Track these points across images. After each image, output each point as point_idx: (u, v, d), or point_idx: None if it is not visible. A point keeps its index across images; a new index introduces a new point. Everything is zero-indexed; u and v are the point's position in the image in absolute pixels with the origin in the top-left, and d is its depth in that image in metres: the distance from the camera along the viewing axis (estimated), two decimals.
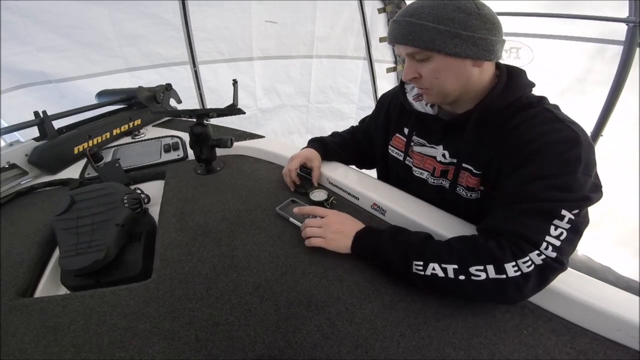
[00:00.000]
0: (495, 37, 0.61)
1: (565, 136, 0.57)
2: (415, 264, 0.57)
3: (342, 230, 0.68)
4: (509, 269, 0.51)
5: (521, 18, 2.04)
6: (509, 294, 0.52)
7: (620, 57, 1.65)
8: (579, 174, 0.54)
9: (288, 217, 0.77)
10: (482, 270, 0.52)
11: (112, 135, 1.31)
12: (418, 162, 0.80)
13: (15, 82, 1.99)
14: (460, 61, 0.62)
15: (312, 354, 0.49)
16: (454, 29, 0.59)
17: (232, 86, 1.13)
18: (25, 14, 1.87)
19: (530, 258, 0.51)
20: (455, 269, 0.54)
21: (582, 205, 0.53)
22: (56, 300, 0.58)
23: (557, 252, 0.51)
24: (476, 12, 0.60)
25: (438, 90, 0.67)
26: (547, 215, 0.53)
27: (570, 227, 0.52)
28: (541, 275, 0.51)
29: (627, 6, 1.58)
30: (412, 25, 0.61)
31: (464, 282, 0.53)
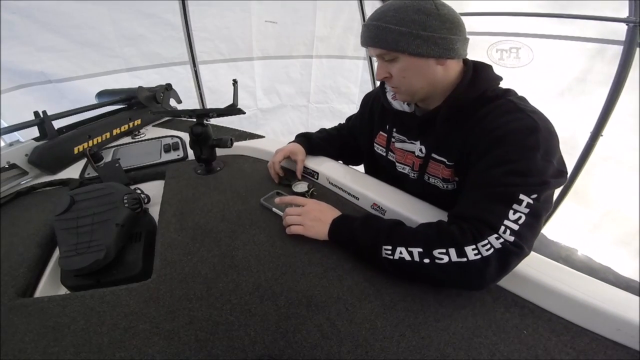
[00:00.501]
0: (455, 35, 0.65)
1: (525, 124, 0.59)
2: (384, 248, 0.60)
3: (320, 217, 0.71)
4: (469, 252, 0.53)
5: (521, 18, 2.04)
6: (471, 278, 0.54)
7: (620, 57, 1.65)
8: (537, 159, 0.56)
9: (271, 208, 0.81)
10: (444, 254, 0.55)
11: (112, 135, 1.31)
12: (400, 157, 0.85)
13: (15, 82, 1.99)
14: (424, 60, 0.66)
15: (312, 354, 0.49)
16: (415, 30, 0.63)
17: (232, 86, 1.13)
18: (24, 14, 1.87)
19: (489, 241, 0.53)
20: (420, 252, 0.56)
21: (541, 190, 0.55)
22: (56, 300, 0.58)
23: (516, 236, 0.53)
24: (435, 13, 0.63)
25: (406, 88, 0.71)
26: (506, 200, 0.55)
27: (529, 212, 0.54)
28: (501, 260, 0.53)
29: (627, 6, 1.58)
30: (378, 28, 0.65)
31: (428, 265, 0.56)
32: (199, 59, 2.54)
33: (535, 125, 0.58)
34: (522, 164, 0.56)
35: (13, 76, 1.97)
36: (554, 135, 0.60)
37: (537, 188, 0.55)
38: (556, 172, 0.58)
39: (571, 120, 1.96)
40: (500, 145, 0.60)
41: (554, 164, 0.57)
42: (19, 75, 1.98)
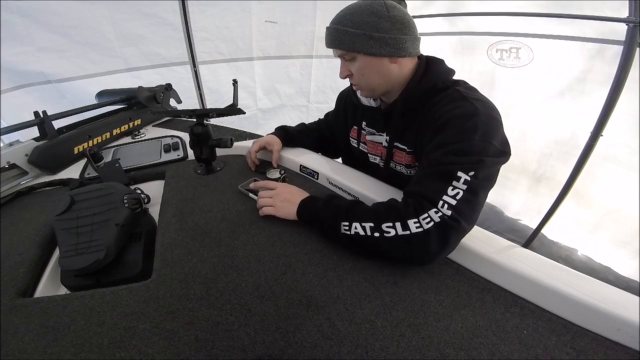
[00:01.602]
0: (405, 35, 0.71)
1: (465, 110, 0.65)
2: (342, 224, 0.65)
3: (289, 199, 0.77)
4: (412, 225, 0.58)
5: (521, 18, 2.04)
6: (415, 251, 0.59)
7: (620, 57, 1.65)
8: (475, 140, 0.61)
9: (248, 194, 0.87)
10: (391, 227, 0.59)
11: (112, 135, 1.31)
12: (371, 149, 0.94)
13: (15, 82, 1.99)
14: (378, 59, 0.73)
15: (312, 354, 0.49)
16: (368, 32, 0.69)
17: (232, 86, 1.13)
18: (24, 13, 1.87)
19: (429, 215, 0.58)
20: (371, 227, 0.61)
21: (478, 168, 0.59)
22: (56, 300, 0.58)
23: (453, 210, 0.57)
24: (386, 15, 0.69)
25: (365, 85, 0.79)
26: (446, 177, 0.60)
27: (467, 188, 0.58)
28: (440, 233, 0.57)
29: (627, 6, 1.57)
30: (338, 31, 0.72)
31: (378, 239, 0.60)
32: (199, 59, 2.54)
33: (475, 110, 0.64)
34: (461, 145, 0.62)
35: (13, 76, 1.96)
36: (493, 119, 0.66)
37: (474, 166, 0.59)
38: (497, 152, 0.63)
39: (571, 120, 1.96)
40: (443, 131, 0.66)
41: (493, 145, 0.62)
42: (18, 75, 1.98)
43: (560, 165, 2.05)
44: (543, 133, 2.14)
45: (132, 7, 2.15)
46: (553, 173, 2.12)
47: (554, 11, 1.86)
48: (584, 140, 1.85)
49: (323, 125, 1.16)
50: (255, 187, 0.86)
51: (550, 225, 2.16)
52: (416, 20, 0.74)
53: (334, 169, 0.95)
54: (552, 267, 0.59)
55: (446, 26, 2.53)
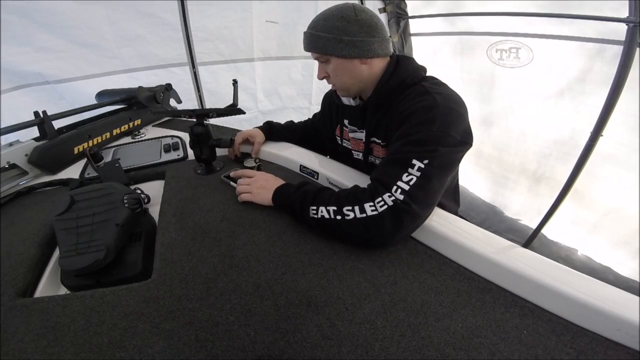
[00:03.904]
0: (372, 38, 0.76)
1: (425, 104, 0.70)
2: (310, 208, 0.69)
3: (265, 186, 0.82)
4: (368, 208, 0.63)
5: (521, 18, 2.04)
6: (372, 232, 0.63)
7: (620, 57, 1.65)
8: (432, 131, 0.65)
9: (229, 182, 0.93)
10: (351, 210, 0.64)
11: (112, 135, 1.31)
12: (354, 145, 1.00)
13: (14, 83, 1.98)
14: (349, 61, 0.78)
15: (312, 354, 0.49)
16: (338, 35, 0.75)
17: (232, 86, 1.13)
18: (22, 13, 1.86)
19: (383, 199, 0.62)
20: (334, 210, 0.66)
21: (433, 156, 0.63)
22: (56, 300, 0.58)
23: (405, 195, 0.62)
24: (354, 19, 0.74)
25: (340, 85, 0.85)
26: (401, 164, 0.64)
27: (420, 175, 0.63)
28: (393, 215, 0.61)
29: (627, 6, 1.57)
30: (312, 36, 0.78)
31: (340, 221, 0.65)
32: (198, 60, 2.53)
33: (435, 103, 0.69)
34: (418, 135, 0.66)
35: (11, 77, 1.96)
36: (452, 110, 0.70)
37: (430, 154, 0.63)
38: (455, 142, 0.67)
39: (571, 120, 1.96)
40: (404, 123, 0.71)
41: (451, 135, 0.66)
42: (17, 75, 1.97)
43: (560, 165, 2.05)
44: (543, 133, 2.14)
45: (131, 7, 2.14)
46: (553, 173, 2.12)
47: (554, 11, 1.86)
48: (584, 140, 1.85)
49: (310, 124, 1.23)
50: (235, 175, 0.91)
51: (550, 225, 2.16)
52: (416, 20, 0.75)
53: (333, 169, 0.95)
54: (552, 267, 0.59)
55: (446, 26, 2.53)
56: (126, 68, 2.30)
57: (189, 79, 2.57)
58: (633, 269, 1.87)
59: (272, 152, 1.09)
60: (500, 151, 2.41)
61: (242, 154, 1.10)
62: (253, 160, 1.03)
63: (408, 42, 2.92)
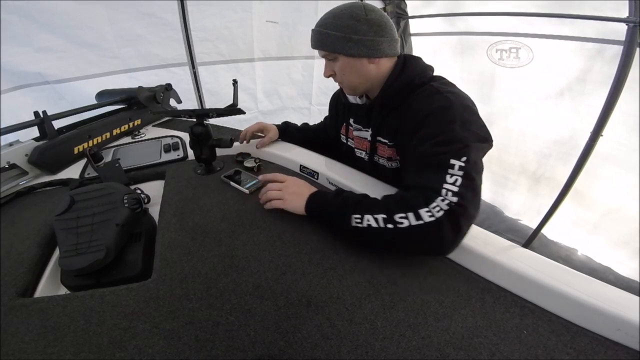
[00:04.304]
0: (382, 37, 0.76)
1: (441, 104, 0.70)
2: (354, 217, 0.65)
3: (298, 192, 0.77)
4: (424, 214, 0.59)
5: (521, 18, 2.04)
6: (430, 240, 0.59)
7: (620, 57, 1.65)
8: (457, 130, 0.65)
9: (229, 182, 0.92)
10: (404, 218, 0.60)
11: (112, 135, 1.31)
12: (358, 144, 1.00)
13: (14, 83, 1.98)
14: (357, 60, 0.78)
15: (312, 354, 0.49)
16: (347, 34, 0.75)
17: (232, 86, 1.13)
18: (22, 13, 1.86)
19: (437, 204, 0.59)
20: (384, 218, 0.62)
21: (466, 153, 0.62)
22: (56, 300, 0.58)
23: (457, 196, 0.59)
24: (364, 18, 0.74)
25: (347, 84, 0.85)
26: (440, 167, 0.62)
27: (463, 174, 0.61)
28: (451, 219, 0.58)
29: (627, 6, 1.58)
30: (321, 34, 0.78)
31: (392, 230, 0.60)
32: (198, 60, 2.52)
33: (450, 103, 0.69)
34: (444, 135, 0.65)
35: (11, 77, 1.95)
36: (468, 108, 0.70)
37: (463, 151, 0.62)
38: (479, 137, 0.67)
39: (571, 120, 1.96)
40: (425, 125, 0.69)
41: (474, 132, 0.66)
42: (17, 76, 1.97)
43: (560, 165, 2.05)
44: (543, 133, 2.14)
45: (131, 7, 2.14)
46: (553, 173, 2.12)
47: (554, 11, 1.87)
48: (584, 140, 1.85)
49: (322, 126, 1.25)
50: (264, 179, 0.86)
51: (550, 225, 2.16)
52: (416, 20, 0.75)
53: (333, 169, 0.95)
54: (552, 267, 0.59)
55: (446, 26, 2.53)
56: (126, 68, 2.30)
57: (189, 79, 2.57)
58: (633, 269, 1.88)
59: (272, 152, 1.09)
60: (500, 151, 2.41)
61: (242, 153, 1.10)
62: (253, 160, 1.03)
63: (408, 42, 2.92)
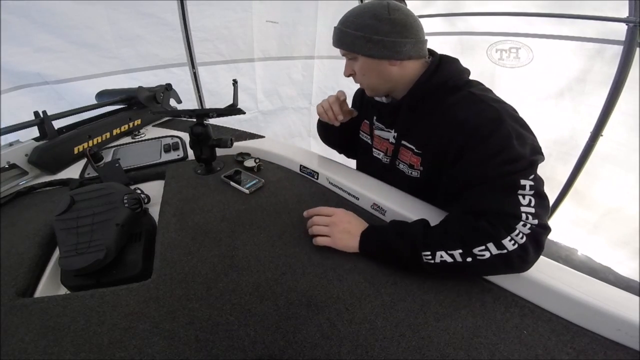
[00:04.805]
0: (405, 39, 0.71)
1: (491, 116, 0.64)
2: (424, 254, 0.60)
3: (349, 229, 0.70)
4: (507, 244, 0.56)
5: (521, 18, 2.04)
6: (515, 266, 0.57)
7: (620, 57, 1.65)
8: (516, 146, 0.61)
9: (229, 182, 0.91)
10: (484, 250, 0.57)
11: (112, 135, 1.31)
12: (377, 143, 0.93)
13: (13, 83, 1.98)
14: (377, 61, 0.74)
15: (312, 354, 0.49)
16: (367, 34, 0.70)
17: (232, 86, 1.13)
18: (22, 13, 1.86)
19: (519, 230, 0.56)
20: (461, 253, 0.58)
21: (532, 170, 0.60)
22: (56, 300, 0.58)
23: (537, 218, 0.57)
24: (387, 18, 0.69)
25: (367, 84, 0.81)
26: (512, 189, 0.59)
27: (534, 193, 0.58)
28: (534, 242, 0.56)
29: (627, 6, 1.58)
30: (341, 32, 0.75)
31: (472, 263, 0.58)
32: (198, 60, 2.52)
33: (499, 115, 0.63)
34: (506, 154, 0.61)
35: (11, 77, 1.96)
36: (518, 120, 0.65)
37: (529, 170, 0.59)
38: (534, 150, 0.62)
39: (571, 120, 1.96)
40: (478, 141, 0.64)
41: (529, 144, 0.62)
42: (16, 76, 1.97)
43: (560, 165, 2.05)
44: (543, 133, 2.13)
45: (130, 7, 2.13)
46: (553, 173, 2.12)
47: (554, 11, 1.87)
48: (584, 140, 1.85)
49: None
50: (309, 215, 0.76)
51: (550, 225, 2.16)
52: None
53: (333, 169, 0.95)
54: (552, 267, 0.59)
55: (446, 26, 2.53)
56: (126, 68, 2.29)
57: (189, 79, 2.57)
58: (633, 269, 1.88)
59: (272, 152, 1.09)
60: None
61: (242, 154, 1.10)
62: (253, 160, 1.03)
63: None
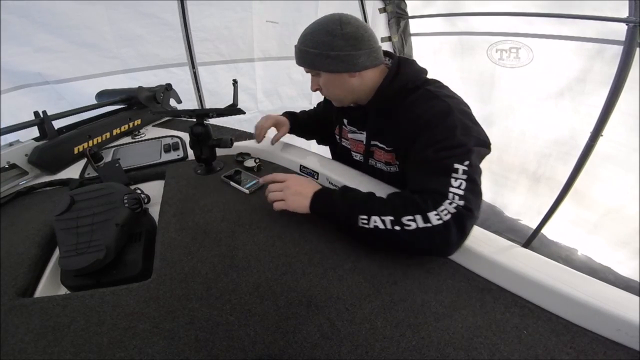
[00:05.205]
0: (359, 50, 0.76)
1: (440, 109, 0.71)
2: (360, 218, 0.65)
3: (301, 191, 0.75)
4: (433, 217, 0.60)
5: (521, 18, 2.04)
6: (437, 242, 0.61)
7: (620, 57, 1.65)
8: (458, 136, 0.66)
9: (229, 182, 0.92)
10: (412, 220, 0.61)
11: (112, 135, 1.31)
12: (353, 146, 1.00)
13: (13, 83, 1.98)
14: (337, 75, 0.79)
15: (312, 354, 0.49)
16: (324, 51, 0.75)
17: (232, 86, 1.13)
18: (22, 13, 1.86)
19: (445, 207, 0.60)
20: (391, 220, 0.62)
21: (469, 157, 0.64)
22: (56, 300, 0.58)
23: (464, 200, 0.61)
24: (340, 33, 0.74)
25: (333, 97, 0.87)
26: (445, 171, 0.64)
27: (467, 177, 0.62)
28: (458, 222, 0.60)
29: (627, 6, 1.58)
30: (301, 51, 0.80)
31: (399, 232, 0.61)
32: (198, 60, 2.52)
33: (449, 108, 0.70)
34: (447, 141, 0.66)
35: (11, 77, 1.95)
36: (466, 113, 0.71)
37: (466, 156, 0.64)
38: (479, 141, 0.68)
39: (571, 120, 1.96)
40: (427, 130, 0.70)
41: (473, 136, 0.67)
42: (17, 76, 1.97)
43: (560, 165, 2.05)
44: (543, 133, 2.14)
45: (130, 7, 2.13)
46: (553, 173, 2.13)
47: (554, 11, 1.87)
48: (584, 140, 1.85)
49: (320, 113, 1.23)
50: (264, 181, 0.83)
51: (550, 225, 2.16)
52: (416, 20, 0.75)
53: (333, 169, 0.95)
54: (552, 267, 0.59)
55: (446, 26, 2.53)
56: (126, 68, 2.29)
57: (189, 79, 2.56)
58: (633, 269, 1.88)
59: (272, 152, 1.09)
60: (500, 151, 2.42)
61: (242, 154, 1.10)
62: (253, 160, 1.03)
63: (408, 42, 2.92)
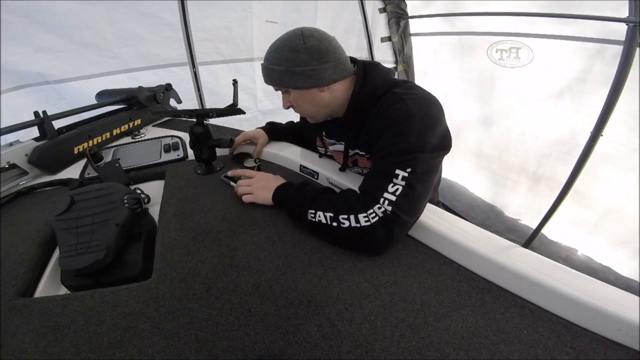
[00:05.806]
0: (325, 64, 0.73)
1: (401, 112, 0.69)
2: (309, 212, 0.70)
3: (266, 185, 0.82)
4: (361, 219, 0.64)
5: (521, 18, 2.04)
6: (365, 242, 0.65)
7: (620, 57, 1.65)
8: (411, 141, 0.66)
9: (229, 182, 0.93)
10: (346, 219, 0.65)
11: (112, 135, 1.31)
12: (336, 156, 0.99)
13: (14, 83, 1.98)
14: (307, 91, 0.76)
15: (312, 354, 0.49)
16: (289, 67, 0.73)
17: (232, 86, 1.13)
18: (22, 13, 1.86)
19: (373, 210, 0.64)
20: (331, 217, 0.67)
21: (414, 164, 0.64)
22: (56, 300, 0.58)
23: (393, 206, 0.63)
24: (303, 48, 0.72)
25: (305, 114, 0.85)
26: (385, 175, 0.65)
27: (405, 184, 0.64)
28: (384, 227, 0.63)
29: (627, 6, 1.57)
30: (267, 69, 0.78)
31: (336, 228, 0.66)
32: (198, 60, 2.52)
33: (409, 111, 0.68)
34: (398, 146, 0.66)
35: (11, 77, 1.95)
36: (428, 116, 0.69)
37: (410, 163, 0.64)
38: (433, 147, 0.67)
39: (571, 120, 1.96)
40: (383, 135, 0.71)
41: (429, 142, 0.66)
42: (17, 76, 1.97)
43: (560, 165, 2.05)
44: (543, 133, 2.14)
45: (131, 7, 2.13)
46: (553, 173, 2.12)
47: (554, 11, 1.87)
48: (584, 140, 1.85)
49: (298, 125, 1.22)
50: (234, 175, 0.91)
51: (550, 225, 2.16)
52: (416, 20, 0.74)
53: (333, 169, 0.95)
54: (552, 267, 0.59)
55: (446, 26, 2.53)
56: (126, 68, 2.29)
57: (189, 79, 2.56)
58: (633, 269, 1.88)
59: (272, 152, 1.09)
60: (500, 151, 2.42)
61: (242, 154, 1.10)
62: (253, 160, 1.04)
63: (408, 42, 2.92)
